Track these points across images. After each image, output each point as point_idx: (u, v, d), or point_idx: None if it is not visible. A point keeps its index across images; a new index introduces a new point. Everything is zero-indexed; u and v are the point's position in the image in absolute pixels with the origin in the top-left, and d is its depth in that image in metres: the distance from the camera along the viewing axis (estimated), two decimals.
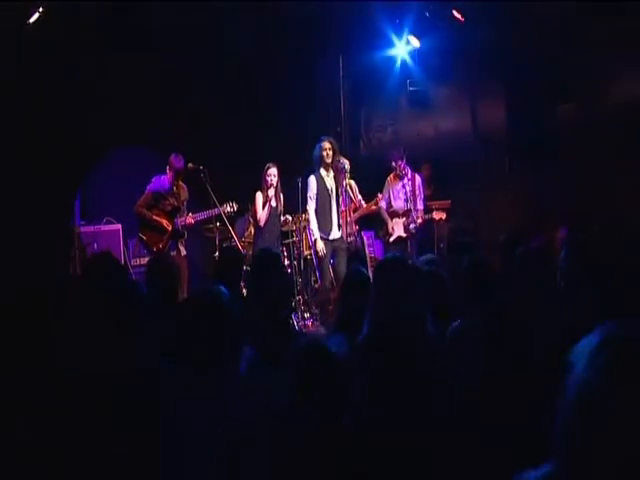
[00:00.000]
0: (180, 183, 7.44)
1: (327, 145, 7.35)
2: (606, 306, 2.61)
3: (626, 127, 7.55)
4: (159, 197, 7.36)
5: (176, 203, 7.41)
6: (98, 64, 7.84)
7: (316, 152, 7.39)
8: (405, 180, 7.89)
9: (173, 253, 7.34)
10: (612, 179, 7.77)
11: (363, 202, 7.89)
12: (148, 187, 7.39)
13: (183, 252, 7.52)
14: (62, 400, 2.28)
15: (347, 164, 7.35)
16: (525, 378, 2.51)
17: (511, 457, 2.32)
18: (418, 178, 7.97)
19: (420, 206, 7.90)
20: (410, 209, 7.78)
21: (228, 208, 7.46)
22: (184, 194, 7.50)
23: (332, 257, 7.34)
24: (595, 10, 7.42)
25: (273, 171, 7.45)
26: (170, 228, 7.35)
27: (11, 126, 7.34)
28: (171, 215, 7.40)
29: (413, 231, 7.81)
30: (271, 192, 7.44)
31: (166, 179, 7.37)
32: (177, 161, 7.32)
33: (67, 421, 2.26)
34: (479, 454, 2.36)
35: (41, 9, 7.20)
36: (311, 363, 2.40)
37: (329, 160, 7.31)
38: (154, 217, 7.32)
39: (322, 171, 7.38)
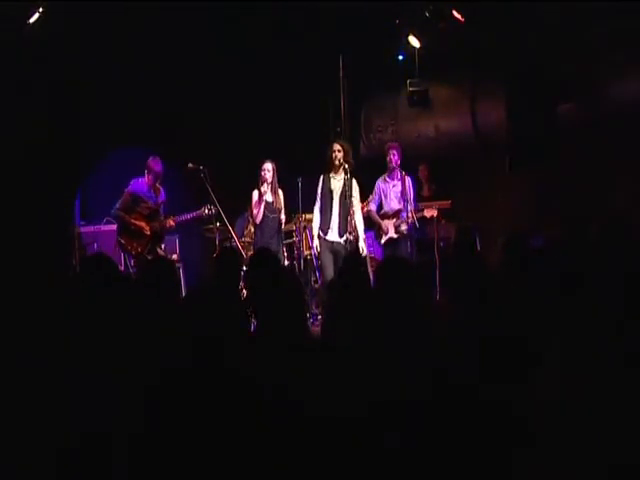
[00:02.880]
0: (157, 186, 7.42)
1: (336, 147, 7.35)
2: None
3: (626, 127, 7.55)
4: (137, 200, 7.34)
5: (154, 206, 7.39)
6: (98, 64, 7.84)
7: (327, 153, 7.41)
8: (395, 181, 7.91)
9: (150, 257, 7.32)
10: (612, 179, 7.77)
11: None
12: (126, 190, 7.36)
13: (161, 254, 7.52)
14: None
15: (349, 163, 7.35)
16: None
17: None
18: (408, 179, 7.97)
19: (411, 206, 7.87)
20: (400, 210, 7.79)
21: (206, 211, 7.44)
22: (161, 197, 7.48)
23: (335, 258, 7.31)
24: (595, 10, 7.42)
25: (267, 166, 7.40)
26: (149, 232, 7.33)
27: (11, 126, 7.35)
28: (149, 218, 7.37)
29: (405, 232, 7.80)
30: (264, 187, 7.40)
31: (144, 182, 7.35)
32: (155, 164, 7.30)
33: None
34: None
35: (41, 9, 7.21)
36: None
37: (337, 162, 7.30)
38: (132, 220, 7.29)
39: (331, 172, 7.38)
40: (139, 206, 7.33)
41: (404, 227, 7.79)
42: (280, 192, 7.54)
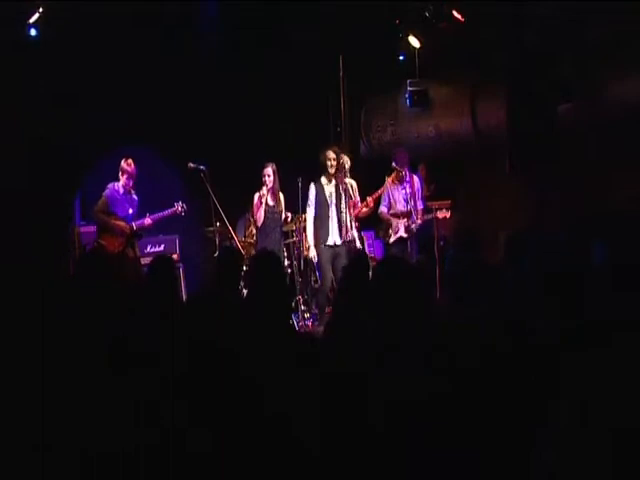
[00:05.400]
0: (130, 188, 7.50)
1: (332, 155, 7.35)
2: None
3: (626, 127, 7.55)
4: (114, 203, 7.42)
5: (130, 208, 7.47)
6: (98, 63, 7.84)
7: (321, 160, 7.40)
8: (404, 183, 7.92)
9: (130, 254, 7.42)
10: (612, 179, 7.76)
11: (359, 203, 7.88)
12: (103, 193, 7.43)
13: (138, 253, 7.60)
14: None
15: (347, 162, 7.37)
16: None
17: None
18: (416, 179, 8.00)
19: (420, 206, 7.94)
20: (411, 211, 7.79)
21: (179, 208, 7.56)
22: (135, 200, 7.56)
23: (333, 261, 7.34)
24: (595, 10, 7.42)
25: (267, 171, 7.46)
26: (129, 230, 7.41)
27: (11, 126, 7.35)
28: (126, 220, 7.46)
29: (414, 231, 7.84)
30: (263, 191, 7.44)
31: (119, 186, 7.43)
32: (128, 165, 7.40)
33: None
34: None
35: (41, 9, 7.21)
36: None
37: (332, 171, 7.32)
38: (113, 221, 7.38)
39: (323, 179, 7.40)
40: (116, 210, 7.42)
41: (414, 227, 7.83)
42: (281, 195, 7.57)
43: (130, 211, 7.48)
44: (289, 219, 7.74)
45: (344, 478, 2.47)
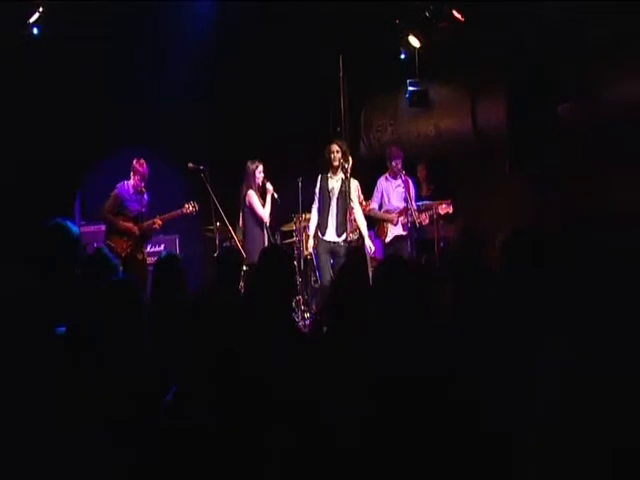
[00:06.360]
0: (142, 188, 7.46)
1: (334, 148, 7.40)
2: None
3: (626, 127, 7.55)
4: (124, 203, 7.39)
5: (140, 208, 7.44)
6: (98, 63, 7.85)
7: (325, 154, 7.44)
8: (398, 181, 7.93)
9: (139, 256, 7.41)
10: (612, 179, 7.77)
11: (363, 203, 7.90)
12: (113, 192, 7.40)
13: (145, 255, 7.57)
14: None
15: (349, 162, 7.39)
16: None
17: None
18: (410, 182, 8.03)
19: (414, 207, 7.93)
20: (408, 208, 7.79)
21: (190, 208, 7.51)
22: (145, 199, 7.51)
23: (332, 259, 7.37)
24: (595, 10, 7.43)
25: (261, 168, 7.54)
26: (138, 232, 7.38)
27: (11, 126, 7.35)
28: (136, 220, 7.43)
29: (411, 227, 7.85)
30: (270, 186, 7.47)
31: (130, 185, 7.40)
32: (140, 165, 7.36)
33: None
34: None
35: (41, 9, 7.21)
36: None
37: (336, 163, 7.36)
38: (121, 222, 7.34)
39: (329, 172, 7.44)
40: (126, 209, 7.39)
41: (410, 224, 7.84)
42: None
43: (141, 210, 7.44)
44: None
45: (343, 477, 2.48)
